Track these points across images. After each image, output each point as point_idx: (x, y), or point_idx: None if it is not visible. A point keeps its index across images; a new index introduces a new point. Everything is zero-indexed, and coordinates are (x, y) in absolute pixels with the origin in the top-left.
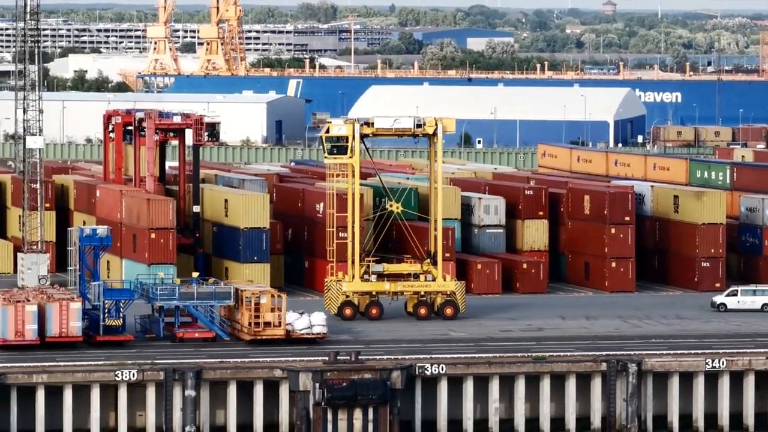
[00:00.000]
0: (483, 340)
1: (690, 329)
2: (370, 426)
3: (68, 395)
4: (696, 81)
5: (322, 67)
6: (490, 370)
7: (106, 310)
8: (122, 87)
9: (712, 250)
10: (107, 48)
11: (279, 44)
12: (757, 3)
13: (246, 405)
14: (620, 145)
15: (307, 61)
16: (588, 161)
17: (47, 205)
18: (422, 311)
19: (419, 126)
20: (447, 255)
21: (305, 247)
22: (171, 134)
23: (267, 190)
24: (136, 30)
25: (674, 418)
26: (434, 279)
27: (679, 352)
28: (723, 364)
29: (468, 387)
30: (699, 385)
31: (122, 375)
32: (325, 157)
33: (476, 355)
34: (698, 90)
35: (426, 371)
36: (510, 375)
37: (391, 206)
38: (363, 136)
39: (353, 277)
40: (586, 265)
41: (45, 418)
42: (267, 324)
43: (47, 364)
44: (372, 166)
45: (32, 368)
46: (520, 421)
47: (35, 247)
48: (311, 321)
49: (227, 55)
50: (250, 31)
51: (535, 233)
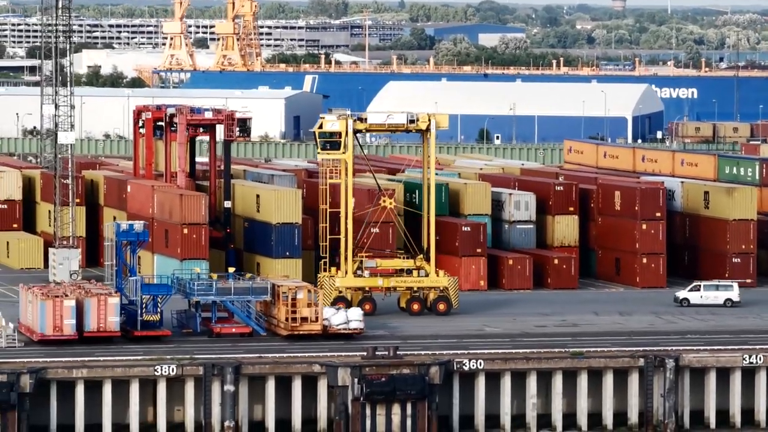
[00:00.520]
0: (519, 336)
1: (725, 325)
2: (409, 421)
3: (107, 390)
4: (712, 77)
5: (338, 63)
6: (528, 366)
7: (144, 306)
8: (137, 83)
9: (743, 246)
10: (119, 43)
11: (291, 40)
12: None
13: (284, 400)
14: (639, 141)
15: (323, 57)
16: (615, 157)
17: (77, 201)
18: (415, 307)
19: (412, 122)
20: (478, 251)
21: (338, 242)
22: (201, 130)
23: (296, 186)
24: (148, 25)
25: (711, 414)
26: (427, 275)
27: (716, 348)
28: (760, 360)
29: (506, 382)
30: (736, 381)
31: (161, 370)
32: (318, 153)
33: (514, 351)
34: (714, 86)
35: (464, 366)
36: (547, 370)
37: (384, 202)
38: (356, 132)
39: (346, 273)
40: (617, 261)
41: (84, 413)
42: (304, 319)
43: (87, 359)
44: (365, 161)
45: (72, 363)
46: (557, 417)
47: (66, 243)
48: (348, 316)
49: (243, 51)
50: (262, 27)
51: (566, 229)
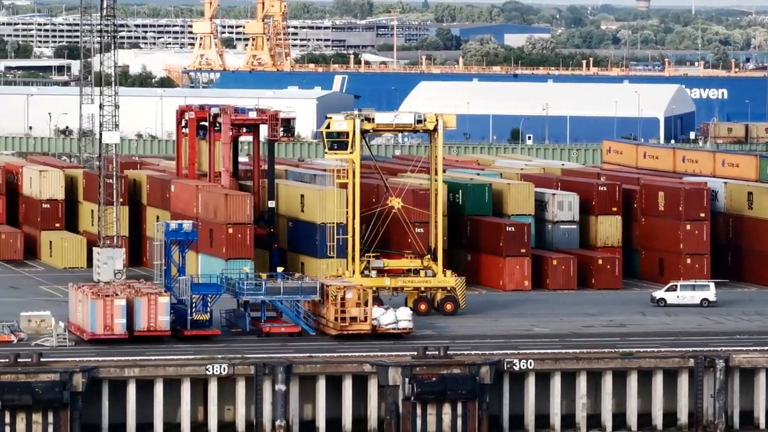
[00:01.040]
0: (567, 336)
1: None
2: (459, 421)
3: (159, 389)
4: (742, 77)
5: (367, 63)
6: (578, 366)
7: (194, 305)
8: (165, 82)
9: None
10: (145, 43)
11: (317, 40)
12: None
13: (335, 400)
14: (672, 142)
15: (352, 57)
16: (655, 157)
17: (120, 200)
18: (422, 307)
19: (419, 122)
20: (522, 251)
21: (381, 243)
22: (244, 130)
23: (335, 185)
24: (174, 25)
25: (761, 414)
26: (434, 275)
27: (766, 348)
28: None
29: (555, 382)
30: None
31: (213, 369)
32: (326, 153)
33: (564, 351)
34: (744, 86)
35: (514, 366)
36: (597, 371)
37: (392, 201)
38: (363, 132)
39: (353, 273)
40: (661, 261)
41: (136, 412)
42: (353, 319)
43: (138, 358)
44: (372, 162)
45: (123, 362)
46: (607, 417)
47: (111, 242)
48: (397, 316)
49: (272, 51)
50: (288, 27)
51: (609, 229)
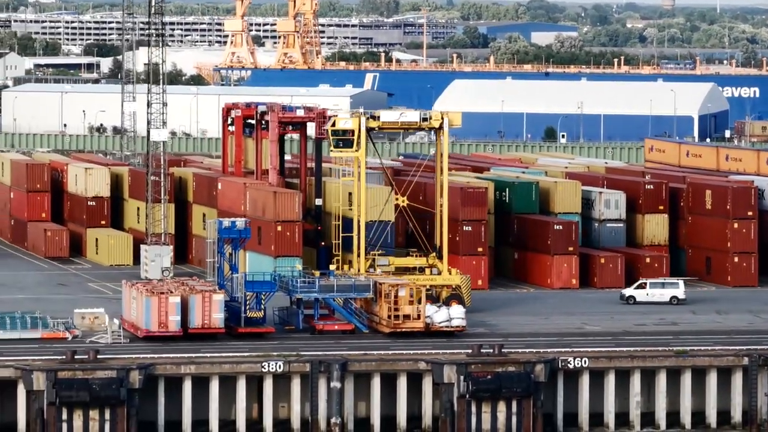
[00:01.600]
0: (620, 334)
1: None
2: (514, 419)
3: (215, 386)
4: None
5: (398, 62)
6: (632, 364)
7: (248, 302)
8: (196, 80)
9: None
10: (173, 41)
11: (344, 38)
12: None
13: (389, 397)
14: (708, 140)
15: (383, 55)
16: (698, 156)
17: (167, 198)
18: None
19: (425, 120)
20: (570, 249)
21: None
22: (291, 128)
23: (384, 183)
24: (201, 23)
25: None
26: (440, 273)
27: None
28: None
29: (609, 380)
30: None
31: (269, 367)
32: (331, 151)
33: (617, 349)
34: None
35: (569, 364)
36: (651, 369)
37: (397, 199)
38: (369, 130)
39: (358, 271)
40: (708, 260)
41: (192, 409)
42: (406, 317)
43: (194, 356)
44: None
45: (180, 359)
46: (661, 415)
47: (158, 240)
48: (450, 314)
49: (303, 49)
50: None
51: (656, 227)
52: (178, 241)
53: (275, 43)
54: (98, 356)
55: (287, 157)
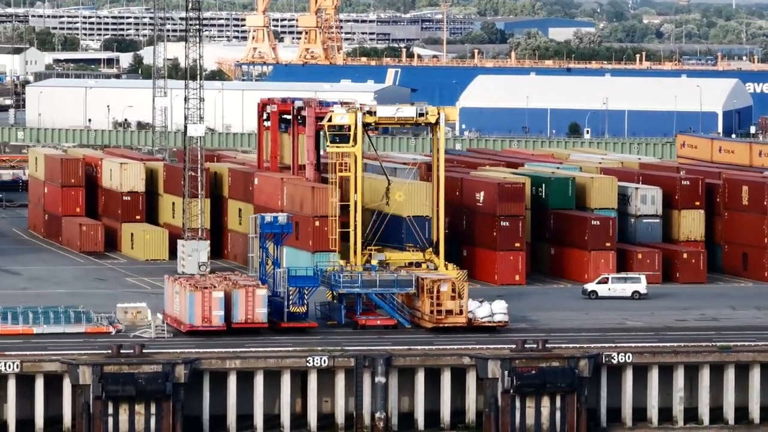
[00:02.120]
0: (662, 330)
1: None
2: (558, 414)
3: (259, 381)
4: None
5: (419, 57)
6: (676, 359)
7: (290, 297)
8: (216, 75)
9: None
10: (191, 36)
11: (362, 33)
12: None
13: (433, 392)
14: (734, 136)
15: (404, 51)
16: (731, 152)
17: (203, 193)
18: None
19: (421, 115)
20: (607, 244)
21: (463, 236)
22: None
23: (418, 178)
24: (219, 18)
25: None
26: (436, 268)
27: None
28: None
29: (653, 376)
30: None
31: (313, 361)
32: (328, 146)
33: (661, 345)
34: None
35: (612, 360)
36: (694, 364)
37: (395, 195)
38: (365, 125)
39: (355, 266)
40: (744, 256)
41: (236, 403)
42: (449, 312)
43: (239, 350)
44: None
45: (225, 354)
46: (704, 411)
47: (195, 235)
48: (492, 309)
49: (325, 44)
50: (336, 20)
51: (692, 223)
52: (214, 236)
53: (294, 39)
54: (143, 351)
55: (323, 152)
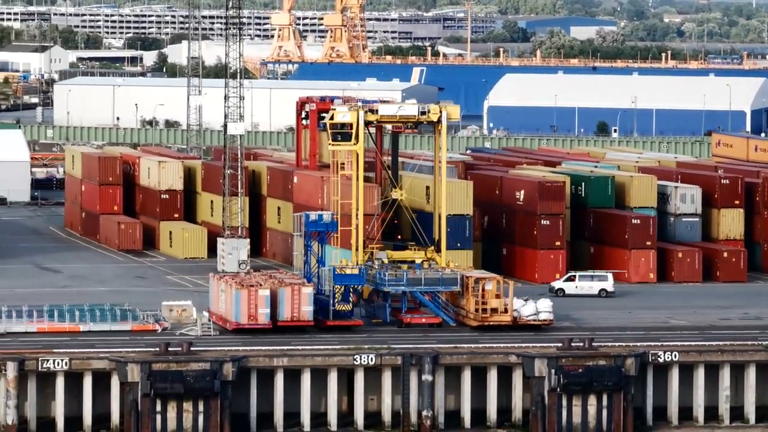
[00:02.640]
0: (706, 329)
1: None
2: (604, 412)
3: (306, 379)
4: None
5: (444, 56)
6: (722, 358)
7: (336, 296)
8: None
9: None
10: (212, 34)
11: (384, 32)
12: None
13: (479, 390)
14: (763, 135)
15: (429, 50)
16: (766, 151)
17: (242, 191)
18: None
19: (423, 113)
20: (648, 243)
21: (503, 234)
22: None
23: (458, 177)
24: (241, 17)
25: None
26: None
27: None
28: None
29: (699, 374)
30: None
31: (360, 359)
32: (329, 144)
33: (707, 343)
34: None
35: (659, 358)
36: (740, 363)
37: (396, 193)
38: (367, 123)
39: (357, 264)
40: None
41: (283, 401)
42: (494, 310)
43: (286, 348)
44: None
45: (272, 352)
46: (750, 410)
47: (235, 233)
48: (537, 307)
49: (350, 43)
50: (362, 19)
51: (731, 222)
52: (252, 235)
53: (317, 37)
54: (191, 348)
55: None
